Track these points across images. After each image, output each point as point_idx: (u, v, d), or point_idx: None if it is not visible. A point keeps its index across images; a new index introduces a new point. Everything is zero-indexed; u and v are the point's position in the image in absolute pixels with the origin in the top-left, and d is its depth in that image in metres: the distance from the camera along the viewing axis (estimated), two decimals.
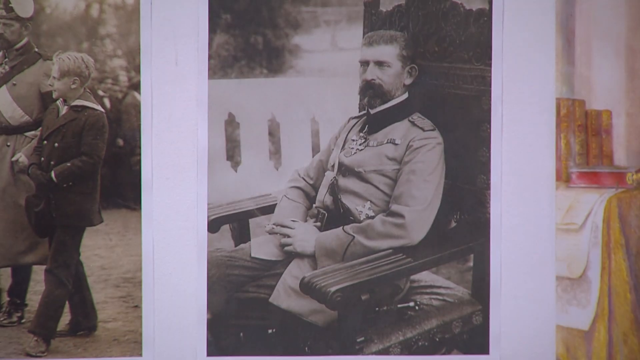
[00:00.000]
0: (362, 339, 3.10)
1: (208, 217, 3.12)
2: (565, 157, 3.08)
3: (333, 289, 3.04)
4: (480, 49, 3.11)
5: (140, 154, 3.11)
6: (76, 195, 3.13)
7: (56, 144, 3.12)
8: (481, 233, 3.14)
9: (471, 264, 3.15)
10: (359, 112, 3.14)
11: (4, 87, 3.12)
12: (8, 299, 3.15)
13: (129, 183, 3.11)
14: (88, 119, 3.11)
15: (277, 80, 3.12)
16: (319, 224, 3.15)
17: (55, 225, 3.12)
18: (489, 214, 3.10)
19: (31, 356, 3.08)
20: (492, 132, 3.10)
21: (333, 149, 3.13)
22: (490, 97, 3.08)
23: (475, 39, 3.11)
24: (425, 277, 3.13)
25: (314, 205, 3.17)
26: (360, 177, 3.14)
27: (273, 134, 3.13)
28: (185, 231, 3.10)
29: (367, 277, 3.07)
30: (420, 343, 3.11)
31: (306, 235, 3.13)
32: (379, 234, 3.09)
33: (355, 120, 3.13)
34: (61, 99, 3.14)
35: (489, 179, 3.06)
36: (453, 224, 3.14)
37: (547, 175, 3.06)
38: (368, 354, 3.11)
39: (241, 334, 3.11)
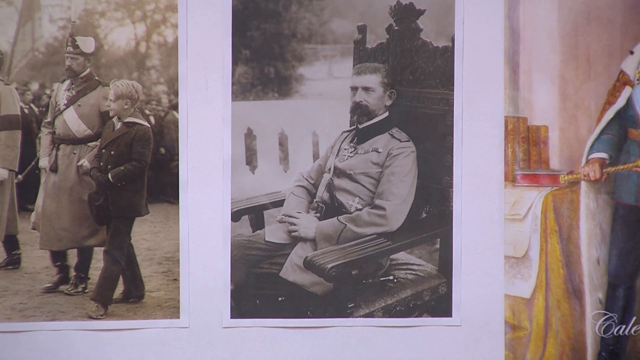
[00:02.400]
0: (352, 305, 3.22)
1: (231, 209, 3.21)
2: (512, 163, 3.21)
3: (329, 265, 3.17)
4: (444, 78, 3.20)
5: (178, 160, 3.20)
6: (128, 192, 3.23)
7: (112, 152, 3.24)
8: (446, 222, 3.23)
9: (438, 246, 3.26)
10: (350, 127, 3.24)
11: (72, 107, 3.23)
12: (74, 273, 3.28)
13: (169, 183, 3.19)
14: (137, 133, 3.22)
15: (286, 102, 3.19)
16: (318, 214, 3.24)
17: (111, 215, 3.23)
18: (452, 207, 3.20)
19: (92, 318, 3.19)
20: (454, 143, 3.20)
21: (329, 156, 3.25)
22: (453, 115, 3.19)
23: (441, 70, 3.20)
24: (401, 256, 3.24)
25: (314, 200, 3.27)
26: (351, 178, 3.24)
27: (282, 144, 3.21)
28: (213, 220, 3.20)
29: (356, 256, 3.19)
30: (398, 308, 3.24)
31: (308, 224, 3.22)
32: (365, 223, 3.21)
33: (347, 133, 3.22)
34: (116, 116, 3.24)
35: (452, 179, 3.19)
36: (424, 215, 3.24)
37: (498, 177, 3.20)
38: (357, 317, 3.24)
39: (257, 301, 3.21)
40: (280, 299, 3.23)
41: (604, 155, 3.22)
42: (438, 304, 3.25)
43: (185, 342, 3.19)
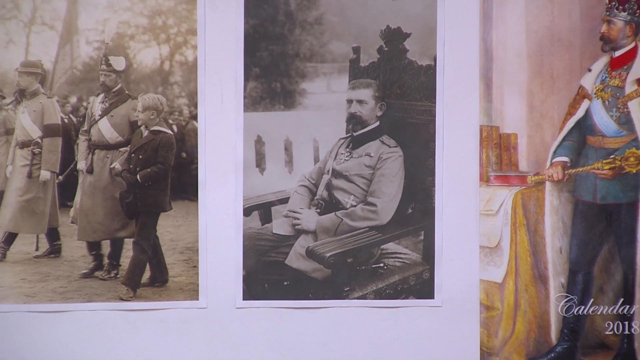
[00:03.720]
0: (348, 288, 3.26)
1: (243, 206, 3.23)
2: (486, 165, 3.27)
3: (328, 254, 3.23)
4: (428, 92, 3.23)
5: (197, 163, 3.22)
6: (154, 191, 3.28)
7: (140, 156, 3.27)
8: (429, 217, 3.26)
9: (422, 237, 3.29)
10: (346, 134, 3.26)
11: (105, 117, 3.26)
12: (107, 261, 3.29)
13: (190, 183, 3.23)
14: (162, 139, 3.26)
15: (290, 113, 3.23)
16: (318, 210, 3.29)
17: (139, 211, 3.28)
18: (434, 204, 3.25)
19: (123, 300, 3.24)
20: (436, 148, 3.24)
21: (328, 160, 3.28)
22: (435, 124, 3.23)
23: (424, 85, 3.23)
24: (390, 246, 3.28)
25: (315, 198, 3.30)
26: (347, 178, 3.29)
27: (287, 149, 3.24)
28: (228, 215, 3.23)
29: (351, 246, 3.24)
30: (387, 291, 3.27)
31: (310, 218, 3.28)
32: (359, 217, 3.27)
33: (343, 140, 3.27)
34: (144, 125, 3.27)
35: (434, 180, 3.24)
36: (410, 211, 3.27)
37: (474, 178, 3.26)
38: (352, 299, 3.26)
39: (266, 285, 3.26)
40: (285, 283, 3.27)
41: (565, 159, 3.26)
42: (422, 287, 3.27)
43: (203, 321, 3.23)
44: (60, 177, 3.25)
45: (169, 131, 3.26)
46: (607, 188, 3.24)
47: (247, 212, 3.25)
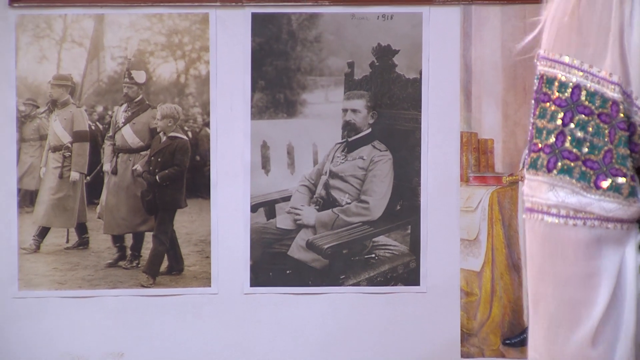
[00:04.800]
0: (343, 276, 3.31)
1: (250, 203, 3.28)
2: (466, 167, 3.30)
3: (326, 246, 3.29)
4: (414, 102, 3.27)
5: (209, 165, 3.27)
6: (171, 190, 3.30)
7: (159, 159, 3.29)
8: (415, 213, 3.31)
9: (409, 231, 3.31)
10: (342, 139, 3.30)
11: (128, 125, 3.25)
12: (130, 252, 3.29)
13: (203, 183, 3.28)
14: (178, 144, 3.28)
15: (292, 120, 3.27)
16: (317, 207, 3.31)
17: (158, 208, 3.30)
18: (420, 201, 3.31)
19: (144, 287, 3.28)
20: (421, 152, 3.29)
21: (326, 162, 3.30)
22: (420, 131, 3.28)
23: (411, 96, 3.27)
24: (381, 239, 3.32)
25: (314, 196, 3.31)
26: (342, 179, 3.30)
27: (290, 153, 3.28)
28: (236, 212, 3.29)
29: (346, 239, 3.30)
30: (378, 279, 3.31)
31: (310, 214, 3.31)
32: (353, 213, 3.31)
33: (339, 145, 3.29)
34: (162, 132, 3.28)
35: (420, 180, 3.30)
36: (398, 207, 3.31)
37: (455, 178, 3.31)
38: (347, 285, 3.31)
39: (270, 273, 3.30)
40: (288, 271, 3.30)
41: None
42: (409, 275, 3.31)
43: (214, 305, 3.29)
44: (88, 177, 3.27)
45: (185, 137, 3.26)
46: None
47: (253, 208, 3.27)
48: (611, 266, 1.37)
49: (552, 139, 1.39)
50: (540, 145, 1.41)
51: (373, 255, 3.33)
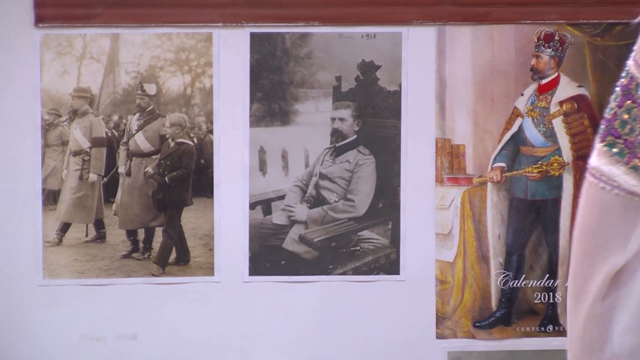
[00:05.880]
0: (332, 266, 3.38)
1: (249, 201, 3.35)
2: (440, 169, 3.36)
3: (316, 239, 3.36)
4: (394, 112, 3.34)
5: (213, 168, 3.34)
6: (179, 189, 3.36)
7: (168, 162, 3.34)
8: (396, 210, 3.38)
9: (390, 226, 3.38)
10: (330, 145, 3.36)
11: (140, 132, 3.32)
12: (142, 245, 3.35)
13: (207, 184, 3.34)
14: (185, 149, 3.34)
15: (286, 128, 3.34)
16: (308, 205, 3.37)
17: (167, 205, 3.36)
18: (400, 200, 3.38)
19: (154, 276, 3.35)
20: (401, 156, 3.36)
21: (316, 165, 3.35)
22: (400, 137, 3.35)
23: (392, 106, 3.34)
24: (365, 233, 3.39)
25: (306, 195, 3.37)
26: (331, 180, 3.37)
27: (284, 157, 3.34)
28: (237, 209, 3.35)
29: (334, 233, 3.37)
30: (363, 268, 3.39)
31: (302, 211, 3.37)
32: (341, 210, 3.38)
33: (328, 150, 3.35)
34: (170, 138, 3.34)
35: (399, 181, 3.37)
36: (380, 205, 3.38)
37: (431, 179, 3.38)
38: (335, 275, 3.39)
39: (267, 264, 3.36)
40: (282, 262, 3.36)
41: (503, 164, 3.33)
42: (390, 266, 3.38)
43: (217, 292, 3.35)
44: (104, 179, 3.33)
45: (191, 142, 3.33)
46: (536, 187, 3.36)
47: (252, 206, 3.34)
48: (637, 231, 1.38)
49: (609, 116, 1.46)
50: (605, 118, 1.46)
51: (358, 248, 3.38)
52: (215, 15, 3.24)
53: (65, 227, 3.34)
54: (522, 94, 3.33)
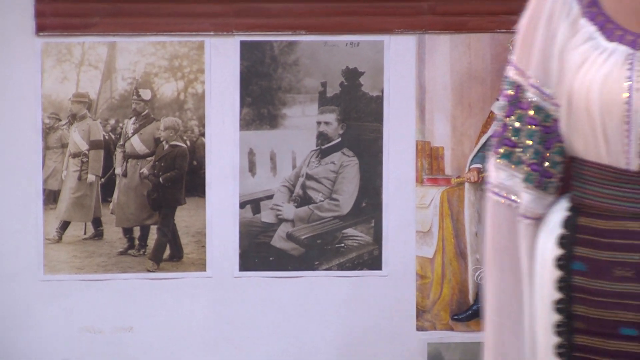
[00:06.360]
0: (317, 262, 3.44)
1: (239, 201, 3.40)
2: (420, 170, 3.43)
3: (303, 237, 3.41)
4: (377, 116, 3.40)
5: (205, 169, 3.39)
6: (172, 189, 3.40)
7: (162, 164, 3.38)
8: (378, 209, 3.44)
9: (373, 224, 3.43)
10: (316, 147, 3.41)
11: (136, 135, 3.36)
12: (138, 242, 3.38)
13: (199, 184, 3.40)
14: (178, 151, 3.37)
15: (275, 131, 3.40)
16: (296, 204, 3.42)
17: (162, 205, 3.40)
18: (382, 199, 3.43)
19: (150, 271, 3.39)
20: (383, 158, 3.42)
21: (303, 166, 3.40)
22: (382, 140, 3.41)
23: (375, 111, 3.40)
24: (350, 231, 3.44)
25: (293, 195, 3.42)
26: (317, 180, 3.41)
27: (272, 159, 3.40)
28: (228, 208, 3.41)
29: (320, 231, 3.42)
30: (347, 264, 3.44)
31: (289, 210, 3.41)
32: (326, 209, 3.43)
33: (314, 152, 3.40)
34: (165, 141, 3.37)
35: (382, 182, 3.43)
36: (364, 204, 3.44)
37: (411, 180, 3.44)
38: (320, 270, 3.45)
39: (256, 260, 3.41)
40: (271, 258, 3.42)
41: (479, 165, 3.37)
42: (373, 261, 3.44)
43: (209, 287, 3.40)
44: (102, 179, 3.38)
45: (184, 145, 3.38)
46: None
47: (242, 205, 3.39)
48: (527, 248, 1.50)
49: (500, 128, 1.53)
50: (496, 132, 1.58)
51: (342, 245, 3.44)
52: (207, 25, 3.31)
53: (65, 225, 3.39)
54: (497, 99, 3.24)
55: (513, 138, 1.51)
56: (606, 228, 1.47)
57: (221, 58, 3.33)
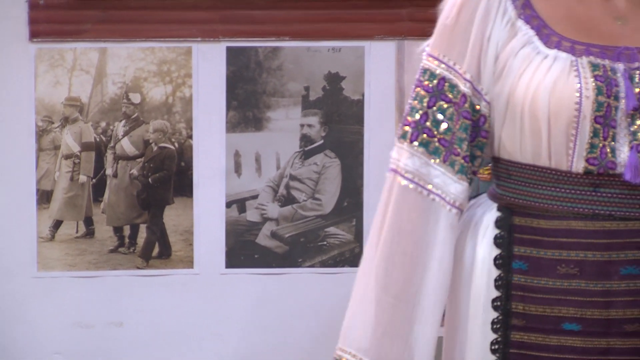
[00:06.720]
0: (301, 259, 3.48)
1: (225, 200, 3.44)
2: None
3: (287, 235, 3.45)
4: (358, 119, 3.46)
5: (192, 170, 3.44)
6: (161, 190, 3.45)
7: (151, 165, 3.42)
8: (359, 208, 3.49)
9: (354, 223, 3.46)
10: (299, 149, 3.46)
11: (126, 137, 3.40)
12: (128, 240, 3.42)
13: (187, 184, 3.45)
14: (167, 153, 3.42)
15: (260, 134, 3.44)
16: (280, 204, 3.46)
17: (151, 204, 3.44)
18: (363, 199, 3.49)
19: (139, 268, 3.44)
20: (364, 159, 3.49)
21: (287, 167, 3.45)
22: (363, 142, 3.47)
23: (356, 114, 3.46)
24: (332, 229, 3.49)
25: (277, 195, 3.46)
26: (300, 181, 3.45)
27: (257, 160, 3.44)
28: (214, 208, 3.45)
29: (303, 229, 3.45)
30: (329, 261, 3.49)
31: (274, 209, 3.45)
32: (309, 209, 3.47)
33: (297, 153, 3.45)
34: (154, 142, 3.41)
35: (362, 182, 3.49)
36: (345, 204, 3.48)
37: None
38: (304, 267, 3.49)
39: (242, 257, 3.46)
40: (256, 256, 3.46)
41: None
42: (354, 259, 3.46)
43: (197, 283, 3.45)
44: (93, 180, 3.42)
45: (172, 147, 3.42)
46: (486, 187, 2.99)
47: (228, 205, 3.43)
48: (441, 244, 1.54)
49: (418, 117, 1.55)
50: (409, 120, 1.60)
51: (325, 243, 3.49)
52: (195, 31, 3.36)
53: (57, 224, 3.43)
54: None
55: (433, 129, 1.54)
56: (550, 227, 1.51)
57: (208, 63, 3.38)
